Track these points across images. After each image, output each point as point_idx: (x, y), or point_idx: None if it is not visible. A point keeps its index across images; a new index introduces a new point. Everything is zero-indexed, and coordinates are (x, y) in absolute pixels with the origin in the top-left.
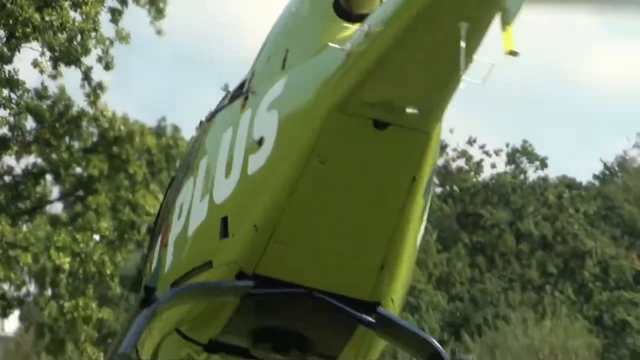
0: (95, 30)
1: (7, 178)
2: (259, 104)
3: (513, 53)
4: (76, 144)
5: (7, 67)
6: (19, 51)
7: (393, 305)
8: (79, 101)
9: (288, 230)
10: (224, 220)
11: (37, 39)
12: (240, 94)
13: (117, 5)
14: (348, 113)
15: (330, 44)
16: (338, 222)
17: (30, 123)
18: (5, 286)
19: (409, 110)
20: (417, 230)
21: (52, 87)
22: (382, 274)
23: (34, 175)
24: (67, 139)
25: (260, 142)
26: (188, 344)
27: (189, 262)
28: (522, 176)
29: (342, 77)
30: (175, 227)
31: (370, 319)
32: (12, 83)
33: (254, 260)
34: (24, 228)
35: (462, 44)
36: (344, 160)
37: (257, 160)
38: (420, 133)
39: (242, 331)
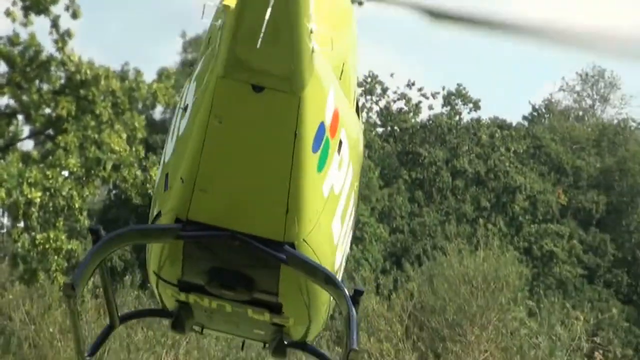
0: None
1: None
2: (191, 76)
3: None
4: (45, 87)
5: None
6: None
7: (307, 245)
8: (48, 47)
9: (205, 180)
10: (166, 176)
11: None
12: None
13: None
14: (231, 79)
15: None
16: (243, 173)
17: (2, 67)
18: None
19: (275, 74)
20: (317, 181)
21: (23, 35)
22: (288, 218)
23: (6, 115)
24: (37, 82)
25: (185, 109)
26: (168, 286)
27: (152, 213)
28: (457, 117)
29: (219, 49)
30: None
31: (283, 256)
32: None
33: (185, 208)
34: None
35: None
36: (235, 119)
37: (183, 124)
38: (291, 95)
39: (197, 272)
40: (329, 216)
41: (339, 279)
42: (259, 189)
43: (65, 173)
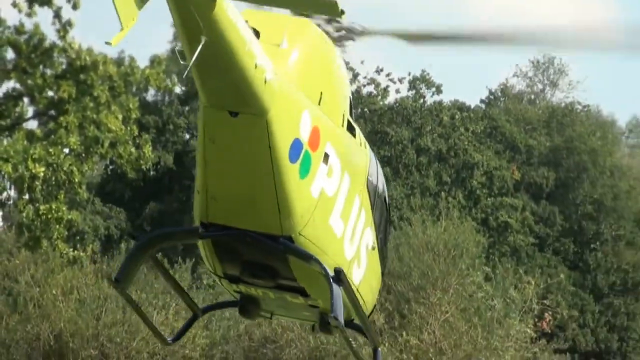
0: None
1: None
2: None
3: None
4: (48, 72)
5: None
6: None
7: (304, 237)
8: (51, 36)
9: (213, 190)
10: (195, 190)
11: None
12: None
13: None
14: (211, 107)
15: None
16: (237, 181)
17: (10, 54)
18: None
19: (234, 102)
20: (302, 185)
21: (28, 25)
22: (282, 217)
23: (13, 97)
24: (41, 67)
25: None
26: (221, 280)
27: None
28: (421, 100)
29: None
30: None
31: (280, 247)
32: None
33: (204, 213)
34: (5, 142)
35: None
36: (222, 139)
37: (198, 147)
38: (259, 117)
39: (230, 266)
40: (325, 214)
41: (356, 272)
42: (253, 194)
43: (66, 150)
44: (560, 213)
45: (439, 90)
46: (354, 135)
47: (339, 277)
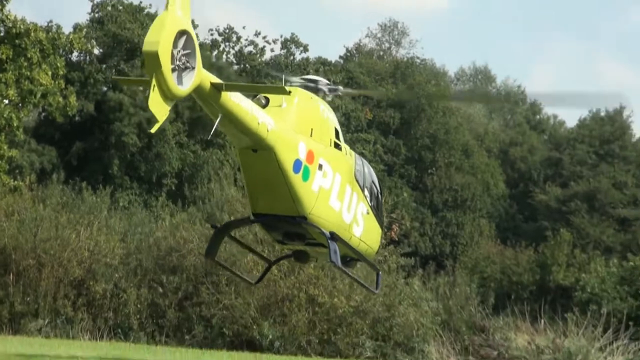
0: None
1: None
2: None
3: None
4: None
5: None
6: None
7: (314, 215)
8: None
9: (251, 191)
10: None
11: None
12: None
13: None
14: (242, 149)
15: None
16: (267, 188)
17: None
18: None
19: (253, 145)
20: (306, 185)
21: None
22: (296, 205)
23: None
24: None
25: None
26: (277, 244)
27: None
28: (291, 57)
29: None
30: None
31: (297, 222)
32: None
33: (253, 206)
34: None
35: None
36: (251, 166)
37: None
38: (268, 151)
39: (276, 236)
40: (325, 199)
41: (357, 229)
42: (277, 194)
43: (6, 101)
44: (404, 145)
45: (305, 49)
46: (340, 149)
47: (333, 236)
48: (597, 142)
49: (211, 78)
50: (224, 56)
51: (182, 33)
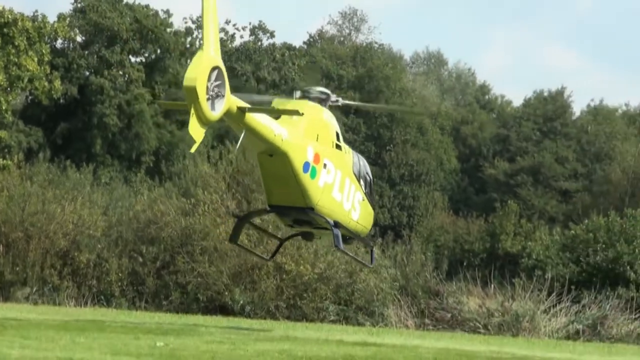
0: None
1: None
2: None
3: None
4: None
5: None
6: None
7: (320, 206)
8: None
9: (267, 187)
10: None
11: None
12: None
13: None
14: (261, 153)
15: None
16: (281, 185)
17: None
18: None
19: (270, 152)
20: (314, 182)
21: None
22: (305, 197)
23: None
24: None
25: None
26: (286, 227)
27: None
28: (259, 43)
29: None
30: None
31: (307, 212)
32: None
33: (269, 200)
34: None
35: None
36: (268, 167)
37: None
38: (282, 156)
39: (287, 222)
40: (329, 193)
41: (354, 214)
42: (289, 189)
43: None
44: (364, 124)
45: (272, 35)
46: (341, 149)
47: (336, 224)
48: (541, 120)
49: (238, 102)
50: (197, 42)
51: (214, 68)
